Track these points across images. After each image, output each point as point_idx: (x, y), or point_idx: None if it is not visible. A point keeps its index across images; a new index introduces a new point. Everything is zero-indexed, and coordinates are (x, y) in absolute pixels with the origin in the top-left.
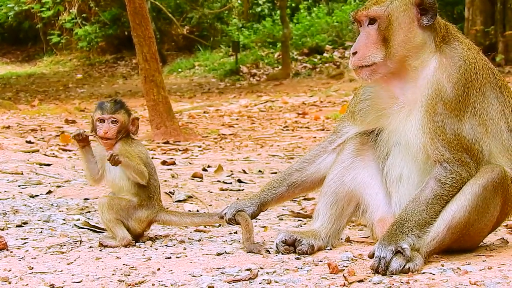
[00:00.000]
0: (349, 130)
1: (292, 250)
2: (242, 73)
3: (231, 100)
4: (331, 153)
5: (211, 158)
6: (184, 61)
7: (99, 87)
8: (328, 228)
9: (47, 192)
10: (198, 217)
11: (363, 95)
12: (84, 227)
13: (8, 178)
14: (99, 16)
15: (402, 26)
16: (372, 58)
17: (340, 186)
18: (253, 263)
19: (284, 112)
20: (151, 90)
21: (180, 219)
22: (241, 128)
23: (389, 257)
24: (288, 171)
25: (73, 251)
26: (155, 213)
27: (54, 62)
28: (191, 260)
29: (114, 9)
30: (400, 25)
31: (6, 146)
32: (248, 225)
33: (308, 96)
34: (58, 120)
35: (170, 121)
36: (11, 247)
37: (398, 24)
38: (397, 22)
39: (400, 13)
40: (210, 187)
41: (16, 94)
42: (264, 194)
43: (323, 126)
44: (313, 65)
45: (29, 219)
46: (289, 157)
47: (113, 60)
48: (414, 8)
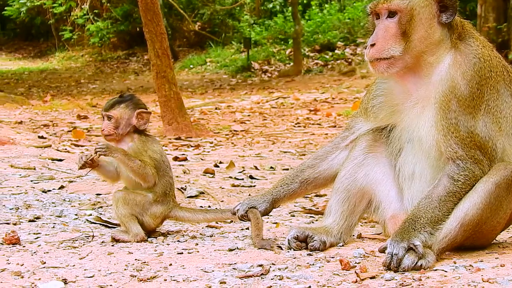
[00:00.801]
0: (361, 126)
1: (304, 247)
2: (253, 69)
3: (243, 96)
4: (344, 149)
5: (222, 154)
6: (196, 57)
7: (110, 83)
8: (340, 224)
9: (60, 187)
10: (211, 213)
11: (376, 91)
12: (96, 222)
13: (20, 173)
14: (111, 12)
15: (423, 21)
16: (391, 51)
17: (352, 182)
18: (265, 259)
19: (295, 108)
20: (162, 86)
21: (193, 216)
22: (252, 124)
23: (401, 254)
24: (300, 167)
25: (85, 246)
26: (170, 209)
27: (66, 57)
28: (203, 256)
29: (125, 5)
30: (421, 20)
31: (18, 141)
32: (258, 223)
33: (320, 92)
34: (70, 115)
35: (181, 117)
36: (23, 241)
37: (419, 19)
38: (418, 17)
39: (422, 8)
40: (222, 183)
41: (29, 89)
42: (277, 190)
43: (334, 122)
44: (325, 62)
45: (41, 214)
46: (300, 153)
47: (125, 56)
48: (435, 4)
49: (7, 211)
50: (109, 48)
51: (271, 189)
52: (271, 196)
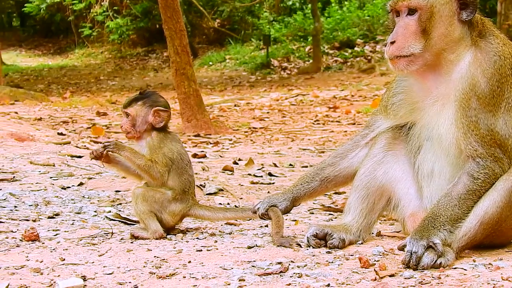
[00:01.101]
0: (381, 124)
1: (323, 244)
2: (273, 66)
3: (262, 93)
4: (364, 147)
5: (241, 151)
6: (215, 54)
7: (130, 79)
8: (359, 222)
9: (79, 184)
10: (231, 212)
11: (396, 88)
12: (115, 219)
13: (40, 169)
14: (131, 9)
15: (443, 19)
16: (411, 49)
17: (371, 180)
18: (284, 257)
19: (315, 106)
20: (182, 83)
21: (213, 214)
22: (271, 121)
23: (421, 252)
24: (320, 165)
25: (104, 243)
26: (189, 207)
27: (85, 54)
28: (222, 253)
29: (145, 2)
30: (441, 17)
31: (38, 138)
32: (279, 220)
33: (339, 90)
34: (89, 112)
35: (201, 114)
36: (42, 238)
37: (439, 16)
38: (439, 15)
39: (442, 5)
40: (241, 180)
41: (48, 86)
42: (297, 189)
43: (354, 120)
44: (344, 59)
45: (60, 210)
46: (319, 151)
47: (144, 53)
48: (455, 2)
49: (26, 208)
50: (128, 45)
51: (291, 187)
52: (291, 195)
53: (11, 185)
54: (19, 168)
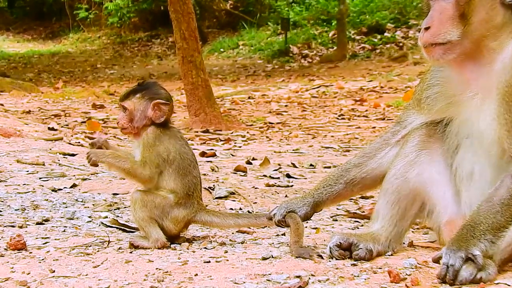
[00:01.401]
0: (414, 119)
1: (347, 255)
2: (292, 54)
3: (280, 84)
4: (395, 146)
5: (256, 149)
6: (227, 40)
7: (130, 68)
8: (389, 230)
9: (72, 186)
10: (243, 218)
11: (431, 80)
12: (112, 226)
13: (28, 169)
14: None
15: (484, 2)
16: (448, 36)
17: (403, 183)
18: (303, 270)
19: (339, 98)
20: (189, 72)
21: (223, 220)
22: (290, 116)
23: (458, 265)
24: (345, 166)
25: (100, 252)
26: (194, 213)
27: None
28: (233, 265)
29: None
30: (481, 1)
31: (26, 133)
32: (298, 228)
33: (367, 80)
34: (84, 104)
35: (210, 107)
36: (30, 247)
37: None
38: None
39: None
40: (255, 183)
41: (38, 75)
42: (319, 192)
43: (383, 114)
44: (373, 46)
45: (50, 215)
46: (344, 149)
47: (147, 38)
48: None
49: (12, 212)
50: (129, 29)
51: (312, 190)
52: (312, 199)
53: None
54: (4, 167)
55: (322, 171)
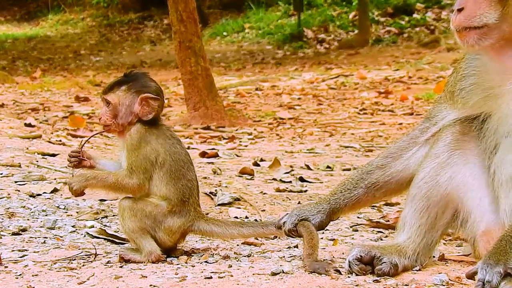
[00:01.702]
0: (446, 115)
1: (369, 270)
2: (306, 38)
3: (292, 73)
4: (423, 145)
5: (264, 149)
6: (231, 22)
7: (119, 55)
8: (417, 242)
9: (52, 191)
10: (248, 227)
11: (466, 70)
12: (99, 237)
13: (1, 171)
14: None
15: None
16: (484, 18)
17: (433, 188)
18: (318, 286)
19: (360, 90)
20: (187, 60)
21: (224, 230)
22: (304, 110)
23: (496, 281)
24: (366, 168)
25: (86, 267)
26: (191, 222)
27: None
28: (238, 282)
29: None
30: None
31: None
32: (312, 238)
33: (393, 69)
34: (66, 97)
35: (211, 100)
36: (5, 261)
37: None
38: None
39: None
40: (263, 187)
41: (13, 62)
42: (336, 198)
43: (411, 109)
44: (400, 30)
45: (28, 225)
46: (366, 149)
47: (139, 20)
48: None
49: None
50: (117, 10)
51: (328, 196)
52: (328, 205)
53: None
54: None
55: (340, 174)
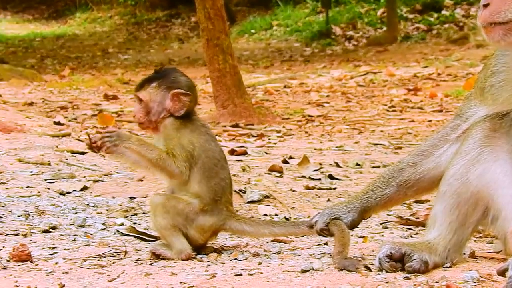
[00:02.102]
0: (476, 111)
1: (399, 267)
2: (334, 35)
3: (320, 71)
4: (454, 142)
5: (293, 146)
6: (259, 20)
7: (147, 52)
8: (447, 239)
9: (82, 188)
10: (279, 226)
11: (496, 66)
12: (129, 234)
13: (31, 169)
14: None
15: None
16: (509, 14)
17: (463, 184)
18: (348, 284)
19: (389, 87)
20: (215, 58)
21: (256, 229)
22: (332, 107)
23: None
24: (397, 166)
25: (116, 264)
26: (222, 221)
27: (89, 20)
28: (268, 279)
29: None
30: None
31: (28, 128)
32: (344, 237)
33: (422, 66)
34: (95, 95)
35: (240, 97)
36: (36, 258)
37: None
38: None
39: None
40: (292, 185)
41: (41, 61)
42: (367, 196)
43: (441, 106)
44: (428, 26)
45: (58, 222)
46: (396, 146)
47: (166, 18)
48: None
49: (14, 219)
50: (145, 8)
51: (359, 194)
52: (359, 204)
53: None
54: (4, 167)
55: (369, 171)
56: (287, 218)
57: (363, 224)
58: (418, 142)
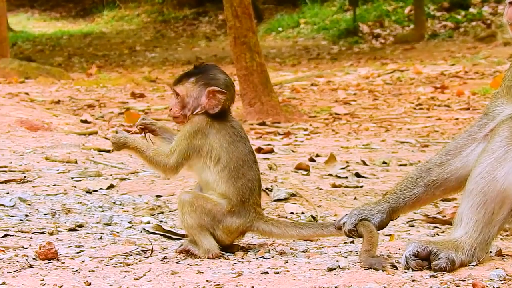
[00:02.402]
0: (504, 110)
1: (426, 266)
2: (361, 33)
3: (347, 69)
4: (482, 141)
5: (320, 144)
6: (286, 18)
7: (174, 50)
8: (474, 237)
9: (108, 187)
10: (307, 228)
11: None
12: (155, 233)
13: (58, 167)
14: None
15: None
16: None
17: (490, 183)
18: (375, 282)
19: (416, 85)
20: (242, 55)
21: (284, 231)
22: (360, 105)
23: None
24: (425, 166)
25: (142, 262)
26: (250, 222)
27: (117, 18)
28: (294, 277)
29: None
30: None
31: (55, 126)
32: (372, 237)
33: (449, 64)
34: (122, 93)
35: (267, 95)
36: (62, 256)
37: None
38: None
39: None
40: (319, 183)
41: (68, 59)
42: (395, 197)
43: (468, 104)
44: (456, 24)
45: (85, 221)
46: (422, 144)
47: (194, 16)
48: None
49: (41, 217)
50: (173, 6)
51: (387, 195)
52: (387, 205)
53: (21, 188)
54: (31, 165)
55: (396, 169)
56: (314, 216)
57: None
58: (445, 140)
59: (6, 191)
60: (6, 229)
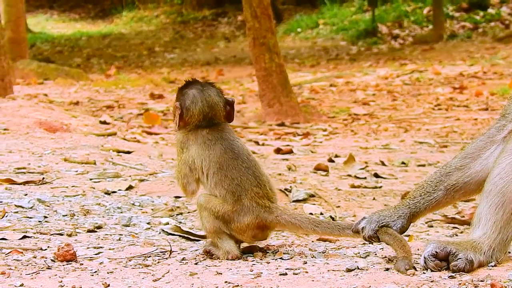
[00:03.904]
0: None
1: (444, 266)
2: (380, 34)
3: (366, 69)
4: (501, 143)
5: (339, 145)
6: (305, 18)
7: (194, 51)
8: (492, 238)
9: (127, 188)
10: (322, 226)
11: None
12: (174, 234)
13: (77, 169)
14: None
15: None
16: None
17: (508, 183)
18: (393, 283)
19: (435, 85)
20: (261, 56)
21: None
22: (378, 106)
23: None
24: (445, 170)
25: (161, 264)
26: (258, 217)
27: (135, 19)
28: (313, 278)
29: None
30: None
31: (74, 127)
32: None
33: (468, 65)
34: (141, 94)
35: (286, 96)
36: (81, 258)
37: None
38: None
39: None
40: (338, 183)
41: (87, 60)
42: (415, 201)
43: (486, 104)
44: (474, 25)
45: (103, 222)
46: (441, 144)
47: (213, 17)
48: None
49: (59, 218)
50: (192, 6)
51: (407, 199)
52: (408, 209)
53: (39, 189)
54: (49, 167)
55: (415, 170)
56: (333, 217)
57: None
58: (464, 140)
59: (25, 193)
60: (24, 230)
